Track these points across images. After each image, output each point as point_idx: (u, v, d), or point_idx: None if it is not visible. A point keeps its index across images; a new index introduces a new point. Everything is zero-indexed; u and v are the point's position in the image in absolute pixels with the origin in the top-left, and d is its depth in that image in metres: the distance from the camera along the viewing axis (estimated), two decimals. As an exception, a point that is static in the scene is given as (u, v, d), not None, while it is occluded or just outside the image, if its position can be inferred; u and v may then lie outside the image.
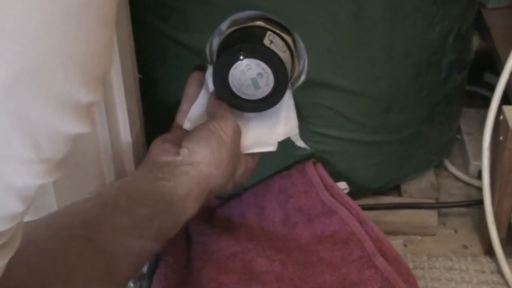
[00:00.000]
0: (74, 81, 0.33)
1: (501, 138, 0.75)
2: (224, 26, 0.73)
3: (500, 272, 0.77)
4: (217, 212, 0.80)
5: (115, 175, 0.70)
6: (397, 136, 0.82)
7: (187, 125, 0.75)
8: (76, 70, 0.33)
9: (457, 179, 0.92)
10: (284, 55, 0.71)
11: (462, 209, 0.87)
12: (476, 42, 0.92)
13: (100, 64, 0.34)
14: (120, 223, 0.60)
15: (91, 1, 0.32)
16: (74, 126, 0.34)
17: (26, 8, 0.29)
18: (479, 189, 0.82)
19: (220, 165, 0.68)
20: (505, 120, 0.74)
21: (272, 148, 0.72)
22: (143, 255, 0.62)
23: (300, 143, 0.77)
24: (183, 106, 0.76)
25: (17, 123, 0.32)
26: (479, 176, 0.87)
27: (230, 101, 0.72)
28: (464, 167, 0.93)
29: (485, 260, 0.79)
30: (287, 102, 0.74)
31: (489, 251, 0.80)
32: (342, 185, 0.79)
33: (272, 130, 0.74)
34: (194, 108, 0.75)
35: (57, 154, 0.34)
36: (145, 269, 0.72)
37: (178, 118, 0.76)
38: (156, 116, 0.80)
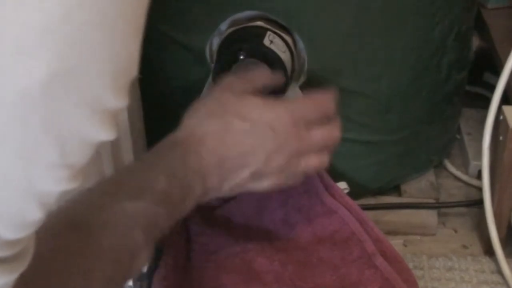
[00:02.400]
0: (105, 86, 0.32)
1: (501, 138, 0.75)
2: (224, 26, 0.73)
3: (500, 272, 0.77)
4: (217, 212, 0.80)
5: (115, 175, 0.70)
6: (397, 136, 0.83)
7: None
8: (108, 75, 0.32)
9: (457, 179, 0.92)
10: (284, 55, 0.71)
11: (462, 209, 0.87)
12: (476, 42, 0.92)
13: (129, 70, 0.34)
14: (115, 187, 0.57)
15: (126, 9, 0.32)
16: (100, 132, 0.33)
17: (67, 9, 0.29)
18: (479, 189, 0.82)
19: (196, 114, 0.64)
20: (505, 120, 0.74)
21: None
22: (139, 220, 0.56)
23: None
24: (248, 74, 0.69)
25: (47, 125, 0.31)
26: (479, 176, 0.87)
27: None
28: (464, 167, 0.93)
29: (485, 260, 0.79)
30: (294, 95, 0.74)
31: (489, 251, 0.80)
32: (342, 185, 0.79)
33: None
34: None
35: (80, 160, 0.34)
36: (145, 269, 0.72)
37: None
38: (156, 116, 0.80)
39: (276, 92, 0.71)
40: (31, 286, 0.37)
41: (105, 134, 0.34)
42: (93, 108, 0.32)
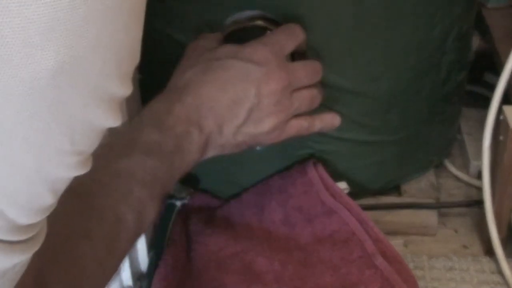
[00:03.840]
0: (111, 74, 0.33)
1: (501, 138, 0.75)
2: (224, 26, 0.73)
3: (500, 272, 0.77)
4: (217, 212, 0.80)
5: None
6: (397, 136, 0.82)
7: None
8: (114, 63, 0.33)
9: (457, 179, 0.92)
10: (284, 55, 0.71)
11: (462, 209, 0.87)
12: (476, 42, 0.92)
13: (133, 58, 0.35)
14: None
15: None
16: (107, 119, 0.34)
17: (71, 1, 0.30)
18: (479, 189, 0.82)
19: (185, 68, 0.65)
20: (505, 120, 0.74)
21: None
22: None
23: None
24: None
25: (56, 113, 0.32)
26: (479, 176, 0.87)
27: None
28: (464, 167, 0.93)
29: (485, 260, 0.79)
30: None
31: (489, 251, 0.80)
32: (342, 185, 0.79)
33: None
34: None
35: (89, 146, 0.35)
36: (145, 269, 0.72)
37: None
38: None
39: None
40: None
41: (112, 121, 0.35)
42: (99, 96, 0.33)
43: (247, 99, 0.63)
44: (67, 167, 0.34)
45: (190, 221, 0.76)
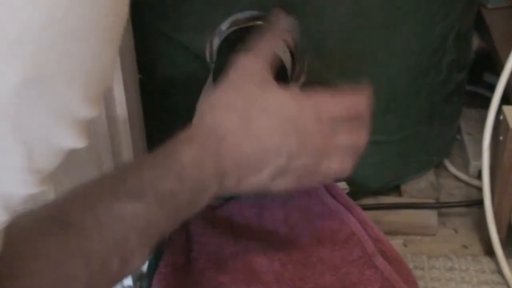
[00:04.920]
0: (77, 95, 0.33)
1: (501, 138, 0.75)
2: (224, 26, 0.73)
3: (500, 272, 0.77)
4: (217, 212, 0.80)
5: (115, 175, 0.70)
6: (397, 136, 0.82)
7: None
8: (80, 85, 0.33)
9: (457, 179, 0.92)
10: (284, 55, 0.71)
11: (462, 209, 0.87)
12: (476, 42, 0.92)
13: (102, 81, 0.35)
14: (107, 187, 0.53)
15: (100, 21, 0.32)
16: (70, 140, 0.34)
17: (43, 19, 0.30)
18: (479, 189, 0.82)
19: (218, 104, 0.58)
20: (505, 120, 0.74)
21: None
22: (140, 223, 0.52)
23: None
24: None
25: (16, 130, 0.32)
26: (479, 176, 0.87)
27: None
28: (464, 167, 0.93)
29: (485, 260, 0.79)
30: None
31: (489, 251, 0.80)
32: (342, 185, 0.79)
33: None
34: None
35: (48, 166, 0.34)
36: (145, 269, 0.72)
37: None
38: (157, 115, 0.80)
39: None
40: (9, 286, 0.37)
41: (75, 142, 0.34)
42: (63, 117, 0.33)
43: (275, 162, 0.58)
44: (22, 184, 0.34)
45: (190, 221, 0.76)
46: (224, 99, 0.59)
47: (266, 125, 0.58)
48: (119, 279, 0.55)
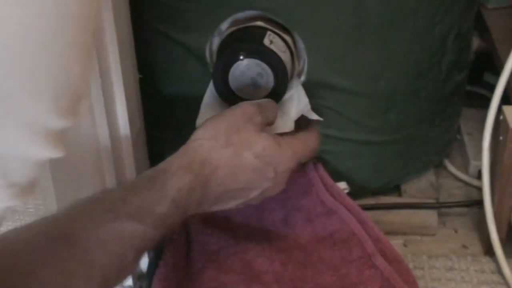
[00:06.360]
0: (46, 107, 0.33)
1: (501, 138, 0.75)
2: (224, 26, 0.73)
3: (500, 272, 0.77)
4: (217, 212, 0.80)
5: (115, 175, 0.70)
6: (397, 136, 0.82)
7: (199, 122, 0.74)
8: (49, 97, 0.33)
9: (457, 179, 0.92)
10: (284, 55, 0.71)
11: (462, 209, 0.87)
12: (476, 42, 0.92)
13: (74, 92, 0.34)
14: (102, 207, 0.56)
15: (67, 33, 0.32)
16: (45, 151, 0.34)
17: (6, 37, 0.29)
18: (479, 189, 0.82)
19: (216, 136, 0.63)
20: (505, 120, 0.74)
21: (289, 129, 0.72)
22: (135, 240, 0.56)
23: (314, 116, 0.77)
24: None
25: None
26: (479, 176, 0.87)
27: (230, 101, 0.72)
28: (464, 167, 0.93)
29: (485, 260, 0.79)
30: (297, 86, 0.74)
31: (489, 251, 0.80)
32: (342, 185, 0.79)
33: (287, 112, 0.73)
34: (203, 108, 0.74)
35: (26, 178, 0.34)
36: (145, 269, 0.72)
37: None
38: (157, 115, 0.80)
39: (276, 93, 0.71)
40: None
41: (51, 152, 0.34)
42: (34, 129, 0.33)
43: (246, 197, 0.66)
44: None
45: (190, 221, 0.76)
46: (224, 131, 0.64)
47: (253, 167, 0.64)
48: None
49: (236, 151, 0.63)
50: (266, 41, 0.70)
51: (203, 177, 0.61)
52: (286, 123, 0.73)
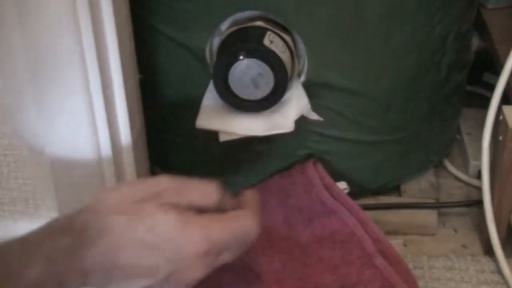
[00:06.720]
0: None
1: (501, 138, 0.75)
2: (224, 26, 0.73)
3: (500, 272, 0.77)
4: (217, 212, 0.80)
5: (115, 175, 0.70)
6: (397, 136, 0.83)
7: (199, 122, 0.73)
8: None
9: (457, 179, 0.92)
10: (284, 55, 0.71)
11: (462, 209, 0.87)
12: (476, 42, 0.92)
13: None
14: None
15: None
16: None
17: None
18: (479, 189, 0.82)
19: (112, 202, 0.55)
20: (504, 120, 0.74)
21: (289, 129, 0.72)
22: None
23: (314, 116, 0.76)
24: None
25: None
26: (479, 176, 0.87)
27: (230, 101, 0.73)
28: (464, 167, 0.93)
29: (485, 260, 0.79)
30: (297, 86, 0.74)
31: (489, 251, 0.80)
32: (342, 185, 0.79)
33: (287, 113, 0.74)
34: (203, 108, 0.74)
35: None
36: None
37: None
38: (157, 116, 0.80)
39: (276, 93, 0.71)
40: None
41: None
42: None
43: (149, 280, 0.55)
44: None
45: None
46: (120, 196, 0.55)
47: (147, 243, 0.53)
48: None
49: (128, 219, 0.53)
50: (266, 41, 0.70)
51: (84, 246, 0.52)
52: (286, 123, 0.73)
